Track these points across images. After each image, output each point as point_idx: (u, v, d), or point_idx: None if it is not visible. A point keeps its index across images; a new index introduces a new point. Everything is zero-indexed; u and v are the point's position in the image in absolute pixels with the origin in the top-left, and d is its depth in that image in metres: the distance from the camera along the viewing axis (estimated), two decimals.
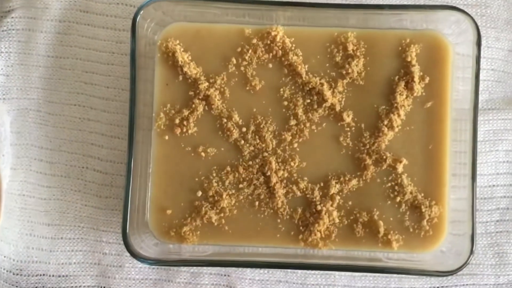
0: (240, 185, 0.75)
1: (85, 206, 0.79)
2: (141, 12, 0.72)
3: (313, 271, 0.78)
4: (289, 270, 0.78)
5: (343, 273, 0.78)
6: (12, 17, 0.79)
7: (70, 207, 0.79)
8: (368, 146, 0.75)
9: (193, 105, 0.75)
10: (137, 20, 0.72)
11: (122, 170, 0.78)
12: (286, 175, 0.75)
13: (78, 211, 0.79)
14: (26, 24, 0.79)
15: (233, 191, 0.75)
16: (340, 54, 0.75)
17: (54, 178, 0.79)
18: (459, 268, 0.71)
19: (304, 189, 0.75)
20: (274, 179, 0.74)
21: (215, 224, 0.75)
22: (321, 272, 0.78)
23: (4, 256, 0.78)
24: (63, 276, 0.79)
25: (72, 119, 0.79)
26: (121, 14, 0.80)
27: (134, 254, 0.71)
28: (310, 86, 0.75)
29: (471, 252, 0.71)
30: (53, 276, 0.78)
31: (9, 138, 0.79)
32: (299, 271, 0.78)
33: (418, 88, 0.74)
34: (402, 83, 0.74)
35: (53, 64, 0.80)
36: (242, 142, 0.75)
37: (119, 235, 0.76)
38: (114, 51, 0.79)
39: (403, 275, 0.77)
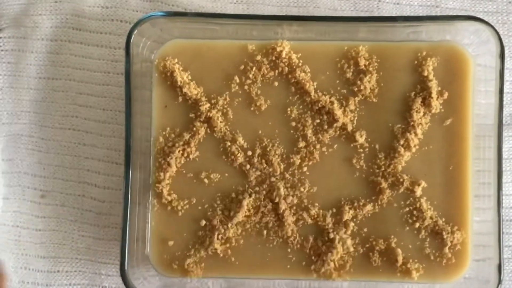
0: (247, 213, 0.70)
1: (82, 236, 0.75)
2: (136, 29, 0.68)
3: None
4: None
5: None
6: (0, 37, 0.75)
7: (66, 238, 0.75)
8: (383, 168, 0.70)
9: (194, 128, 0.70)
10: (132, 37, 0.67)
11: (121, 197, 0.73)
12: (295, 201, 0.70)
13: (75, 242, 0.75)
14: (15, 45, 0.75)
15: (239, 220, 0.70)
16: (351, 70, 0.70)
17: (48, 208, 0.75)
18: None
19: (316, 216, 0.70)
20: (283, 206, 0.69)
21: (221, 255, 0.70)
22: None
23: None
24: None
25: (66, 144, 0.75)
26: (116, 31, 0.75)
27: None
28: (319, 105, 0.70)
29: (500, 281, 0.67)
30: None
31: (1, 166, 0.74)
32: None
33: (436, 104, 0.69)
34: (419, 100, 0.69)
35: (45, 86, 0.75)
36: (248, 166, 0.70)
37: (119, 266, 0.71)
38: (109, 70, 0.75)
39: None
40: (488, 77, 0.68)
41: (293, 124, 0.70)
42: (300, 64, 0.70)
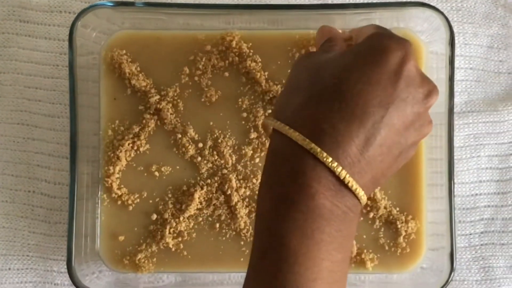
0: (199, 206, 0.69)
1: (32, 233, 0.73)
2: (80, 20, 0.66)
3: None
4: None
5: None
6: None
7: (16, 235, 0.73)
8: None
9: (144, 120, 0.69)
10: (75, 29, 0.66)
11: None
12: (248, 193, 0.69)
13: (26, 239, 0.73)
14: None
15: (191, 213, 0.68)
16: None
17: None
18: None
19: None
20: (235, 198, 0.68)
21: (173, 249, 0.69)
22: None
23: None
24: None
25: (15, 139, 0.73)
26: (64, 23, 0.73)
27: None
28: (271, 95, 0.69)
29: (452, 269, 0.66)
30: None
31: None
32: None
33: None
34: None
35: None
36: (199, 159, 0.69)
37: None
38: (58, 63, 0.73)
39: None
40: (440, 65, 0.67)
41: (245, 114, 0.69)
42: (250, 54, 0.69)
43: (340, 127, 0.48)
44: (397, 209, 0.69)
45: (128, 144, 0.69)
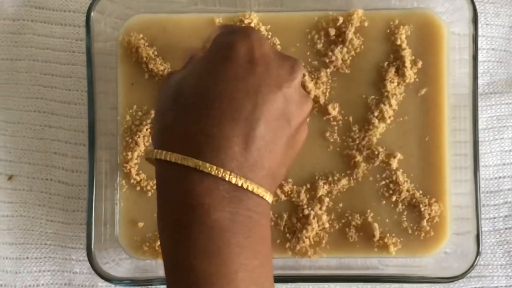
0: None
1: (50, 221, 0.72)
2: (96, 5, 0.65)
3: (303, 283, 0.70)
4: (277, 284, 0.71)
5: (337, 284, 0.71)
6: None
7: (34, 223, 0.72)
8: (357, 141, 0.68)
9: None
10: (92, 14, 0.65)
11: None
12: None
13: (44, 227, 0.72)
14: None
15: None
16: (322, 41, 0.68)
17: (15, 193, 0.73)
18: (465, 273, 0.64)
19: (289, 192, 0.68)
20: None
21: None
22: (313, 284, 0.71)
23: None
24: None
25: (31, 127, 0.73)
26: (80, 9, 0.73)
27: (102, 275, 0.65)
28: None
29: (478, 253, 0.65)
30: None
31: None
32: (289, 284, 0.70)
33: (410, 74, 0.67)
34: (393, 70, 0.67)
35: (7, 67, 0.73)
36: None
37: None
38: (74, 49, 0.72)
39: (404, 283, 0.70)
40: (463, 45, 0.66)
41: None
42: (269, 36, 0.68)
43: (215, 132, 0.47)
44: (420, 192, 0.67)
45: (146, 129, 0.68)
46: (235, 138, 0.47)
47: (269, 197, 0.49)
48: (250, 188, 0.47)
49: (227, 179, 0.46)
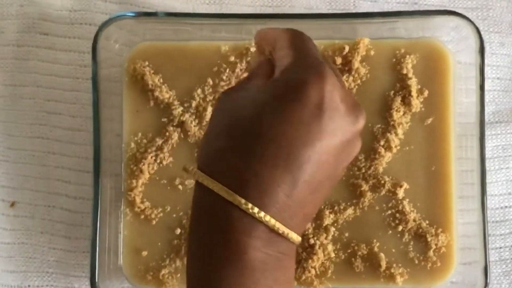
0: None
1: (53, 249, 0.71)
2: (103, 32, 0.65)
3: None
4: None
5: None
6: None
7: (36, 251, 0.71)
8: (363, 170, 0.67)
9: (167, 133, 0.68)
10: (98, 41, 0.65)
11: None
12: None
13: (46, 255, 0.71)
14: None
15: None
16: None
17: (17, 220, 0.72)
18: None
19: None
20: None
21: None
22: None
23: None
24: None
25: (35, 154, 0.72)
26: (85, 35, 0.72)
27: None
28: None
29: (486, 284, 0.64)
30: None
31: None
32: None
33: (416, 103, 0.67)
34: (399, 99, 0.67)
35: (11, 93, 0.72)
36: None
37: None
38: (78, 76, 0.72)
39: None
40: (469, 75, 0.66)
41: None
42: None
43: (264, 174, 0.44)
44: (427, 222, 0.67)
45: (151, 157, 0.67)
46: (282, 185, 0.44)
47: (297, 241, 0.47)
48: (285, 234, 0.45)
49: (265, 223, 0.44)
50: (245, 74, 0.68)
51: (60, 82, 0.72)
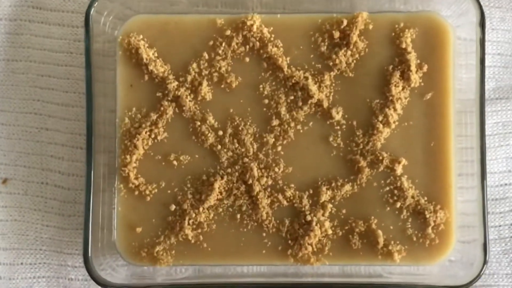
0: (219, 196, 0.66)
1: (46, 226, 0.71)
2: (95, 5, 0.64)
3: None
4: None
5: None
6: None
7: (29, 228, 0.71)
8: (361, 146, 0.66)
9: (162, 108, 0.67)
10: (91, 14, 0.64)
11: None
12: (270, 182, 0.66)
13: (39, 232, 0.71)
14: None
15: (211, 203, 0.66)
16: (326, 44, 0.67)
17: (10, 197, 0.71)
18: (471, 282, 0.63)
19: (291, 198, 0.66)
20: (256, 188, 0.66)
21: (192, 241, 0.66)
22: None
23: None
24: None
25: (28, 129, 0.71)
26: (78, 9, 0.72)
27: (99, 281, 0.63)
28: (293, 81, 0.66)
29: (485, 261, 0.63)
30: None
31: None
32: None
33: (415, 78, 0.66)
34: (397, 73, 0.66)
35: (4, 68, 0.71)
36: (219, 147, 0.66)
37: None
38: (71, 50, 0.71)
39: None
40: (469, 50, 0.65)
41: (266, 101, 0.67)
42: (272, 39, 0.67)
43: None
44: (425, 198, 0.66)
45: (146, 133, 0.66)
46: None
47: None
48: None
49: None
50: (241, 49, 0.66)
51: (53, 56, 0.71)
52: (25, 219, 0.71)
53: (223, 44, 0.67)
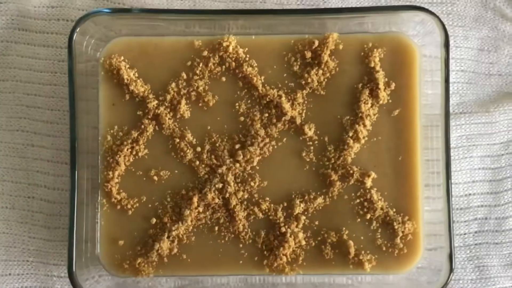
0: (198, 210, 0.69)
1: (32, 238, 0.73)
2: (79, 28, 0.67)
3: None
4: None
5: None
6: None
7: (16, 240, 0.74)
8: (333, 161, 0.70)
9: (143, 126, 0.70)
10: (74, 36, 0.67)
11: None
12: (246, 196, 0.70)
13: (26, 244, 0.74)
14: None
15: (190, 217, 0.69)
16: (298, 63, 0.70)
17: None
18: None
19: (267, 210, 0.69)
20: (233, 201, 0.69)
21: (172, 253, 0.69)
22: None
23: None
24: None
25: (14, 146, 0.74)
26: (62, 31, 0.74)
27: None
28: (267, 99, 0.70)
29: (451, 269, 0.67)
30: None
31: None
32: None
33: (383, 95, 0.69)
34: (367, 91, 0.69)
35: None
36: (197, 162, 0.70)
37: None
38: (56, 70, 0.74)
39: None
40: (434, 67, 0.69)
41: (242, 119, 0.70)
42: (247, 59, 0.70)
43: None
44: (394, 210, 0.69)
45: (127, 149, 0.69)
46: None
47: None
48: None
49: None
50: (218, 69, 0.70)
51: (38, 76, 0.74)
52: (12, 232, 0.74)
53: (201, 65, 0.70)
